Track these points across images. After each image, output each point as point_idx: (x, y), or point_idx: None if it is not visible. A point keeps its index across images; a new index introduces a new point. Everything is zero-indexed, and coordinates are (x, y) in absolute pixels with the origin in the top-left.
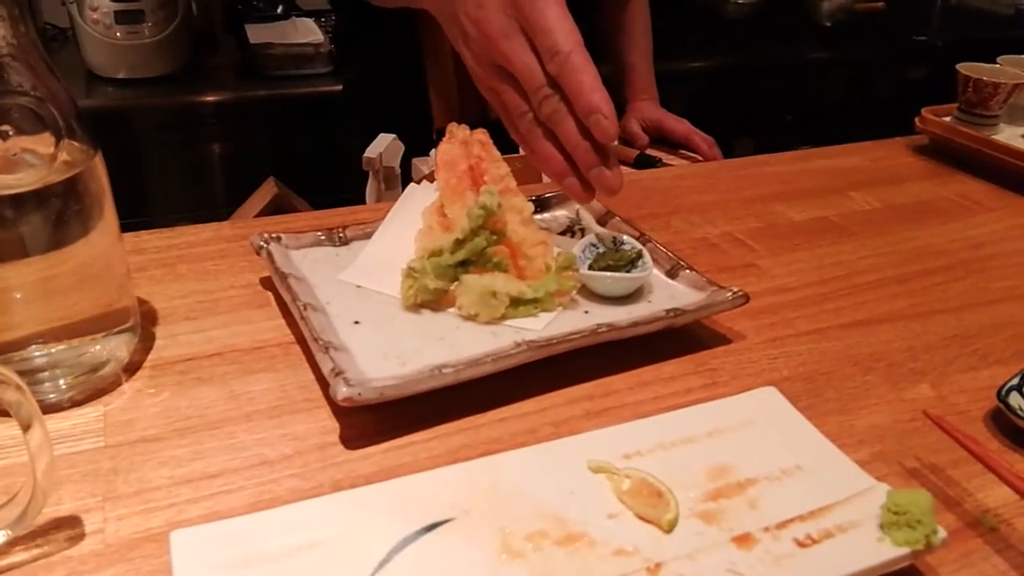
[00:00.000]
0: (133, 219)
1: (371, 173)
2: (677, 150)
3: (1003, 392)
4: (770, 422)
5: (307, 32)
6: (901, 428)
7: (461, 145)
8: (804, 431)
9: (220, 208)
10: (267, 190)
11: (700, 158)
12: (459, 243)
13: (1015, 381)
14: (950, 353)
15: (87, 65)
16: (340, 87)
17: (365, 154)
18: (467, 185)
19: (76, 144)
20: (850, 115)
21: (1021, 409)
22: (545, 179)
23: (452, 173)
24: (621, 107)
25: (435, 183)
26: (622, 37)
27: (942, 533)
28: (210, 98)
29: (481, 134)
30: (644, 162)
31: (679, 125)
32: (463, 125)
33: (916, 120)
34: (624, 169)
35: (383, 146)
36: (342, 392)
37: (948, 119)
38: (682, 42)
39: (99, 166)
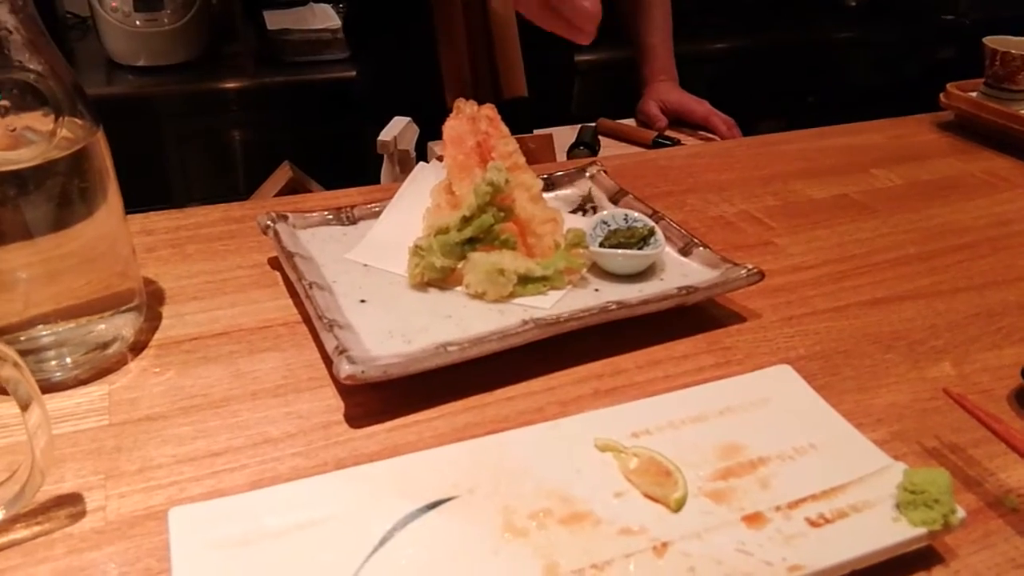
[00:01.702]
0: (152, 206)
1: (386, 156)
2: (697, 132)
3: None
4: (784, 400)
5: (325, 18)
6: (921, 407)
7: (468, 121)
8: (819, 409)
9: (240, 194)
10: (282, 174)
11: (719, 140)
12: (466, 220)
13: None
14: (973, 331)
15: (107, 53)
16: (356, 73)
17: (380, 137)
18: (475, 162)
19: (77, 121)
20: (876, 97)
21: None
22: (560, 156)
23: (459, 149)
24: (640, 89)
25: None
26: (642, 18)
27: (961, 513)
28: (229, 85)
29: (489, 110)
30: (662, 145)
31: (699, 106)
32: (471, 101)
33: (941, 96)
34: (637, 150)
35: (398, 129)
36: (345, 370)
37: (974, 94)
38: (705, 23)
39: (101, 143)
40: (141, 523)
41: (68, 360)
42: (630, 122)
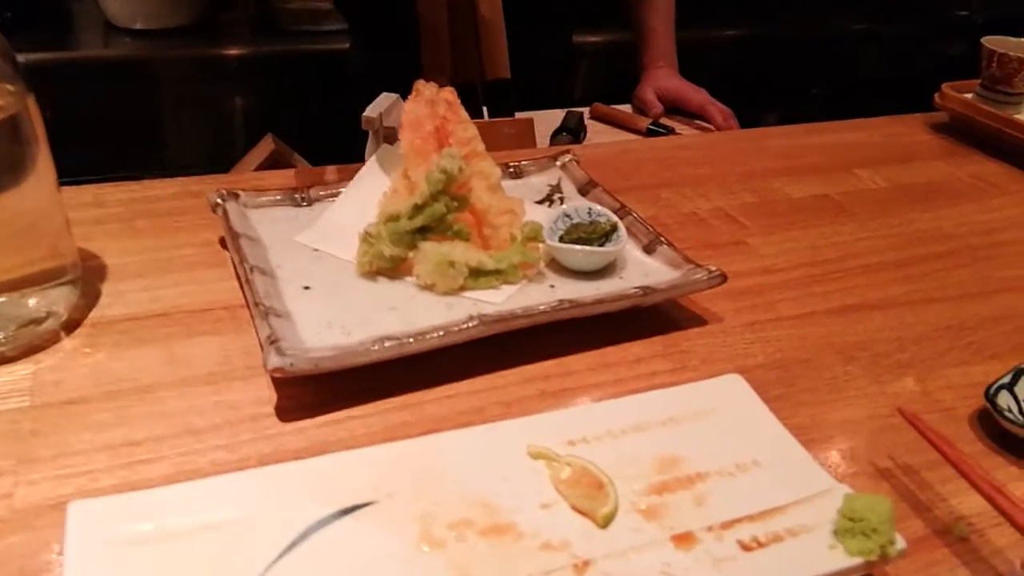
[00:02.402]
0: (144, 171)
1: (371, 133)
2: (693, 121)
3: (991, 391)
4: (731, 412)
5: None
6: (877, 424)
7: (427, 104)
8: (766, 423)
9: (232, 162)
10: (264, 146)
11: (715, 130)
12: (418, 208)
13: (1006, 379)
14: (942, 345)
15: (104, 15)
16: (354, 45)
17: (365, 113)
18: (432, 147)
19: (6, 86)
20: (883, 92)
21: (1009, 410)
22: (540, 143)
23: (417, 134)
24: (639, 74)
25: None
26: (644, 2)
27: (900, 544)
28: (225, 51)
29: (448, 93)
30: (656, 133)
31: (696, 95)
32: (431, 83)
33: (935, 96)
34: (631, 138)
35: (384, 106)
36: (273, 362)
37: (970, 96)
38: (710, 9)
39: (32, 110)
40: (47, 513)
41: (1, 335)
42: (628, 108)
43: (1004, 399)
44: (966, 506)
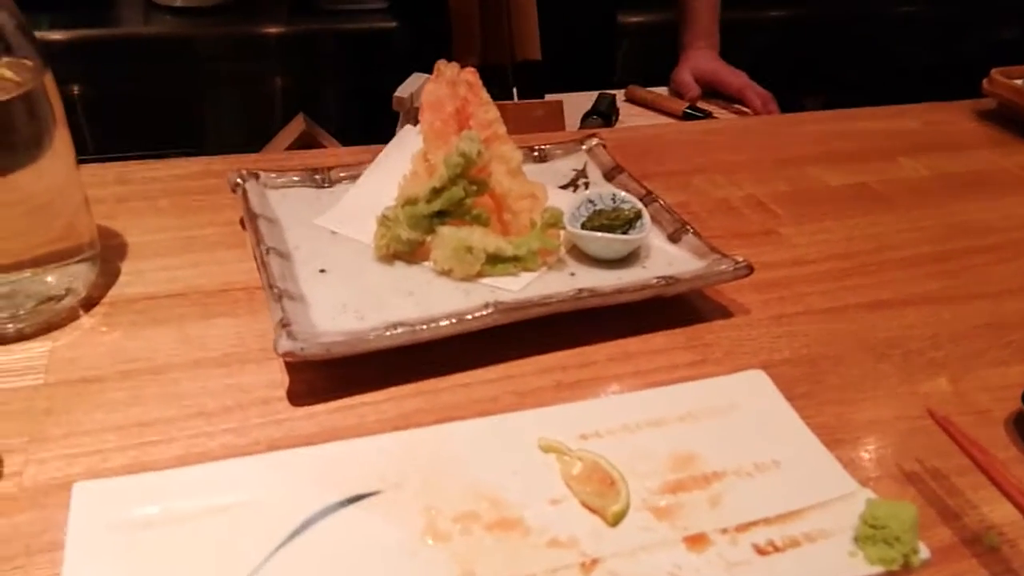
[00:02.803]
0: (181, 149)
1: (402, 114)
2: (731, 105)
3: None
4: (752, 410)
5: None
6: (907, 426)
7: (449, 85)
8: (788, 422)
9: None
10: (295, 126)
11: (753, 115)
12: (436, 192)
13: None
14: (979, 344)
15: None
16: (394, 23)
17: (396, 93)
18: (453, 129)
19: (24, 61)
20: (930, 76)
21: None
22: (571, 126)
23: (437, 115)
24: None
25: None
26: None
27: (924, 553)
28: (263, 30)
29: (470, 74)
30: (692, 117)
31: (734, 78)
32: (453, 63)
33: (984, 82)
34: (664, 121)
35: (416, 85)
36: (284, 345)
37: (1020, 82)
38: None
39: (49, 87)
40: (56, 492)
41: (19, 311)
42: (664, 90)
43: None
44: (997, 514)
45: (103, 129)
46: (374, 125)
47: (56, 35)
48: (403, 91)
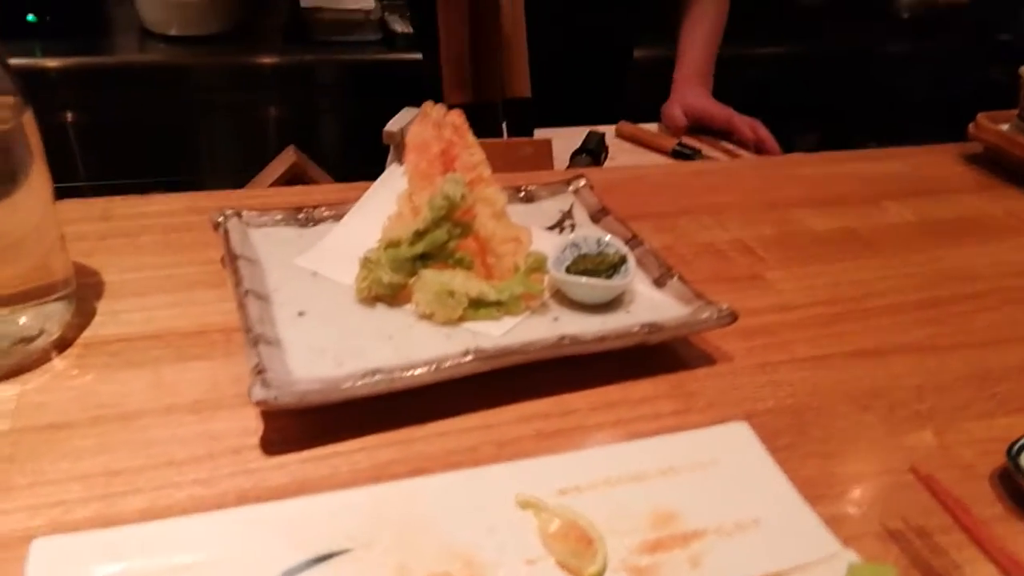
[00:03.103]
0: (175, 176)
1: (392, 148)
2: (720, 142)
3: (1014, 449)
4: (734, 464)
5: None
6: (891, 481)
7: (434, 127)
8: (771, 478)
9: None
10: (286, 158)
11: (743, 153)
12: (419, 235)
13: None
14: (965, 395)
15: (140, 21)
16: (388, 55)
17: (386, 128)
18: (438, 171)
19: (3, 99)
20: (923, 115)
21: None
22: (562, 164)
23: (422, 157)
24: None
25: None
26: (686, 19)
27: None
28: (258, 59)
29: (455, 116)
30: (681, 155)
31: (720, 111)
32: (439, 104)
33: (970, 126)
34: (651, 162)
35: (406, 120)
36: (257, 394)
37: (1006, 127)
38: (746, 26)
39: (28, 124)
40: (16, 546)
41: None
42: (655, 127)
43: None
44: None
45: (96, 157)
46: (368, 157)
47: (51, 62)
48: (393, 125)
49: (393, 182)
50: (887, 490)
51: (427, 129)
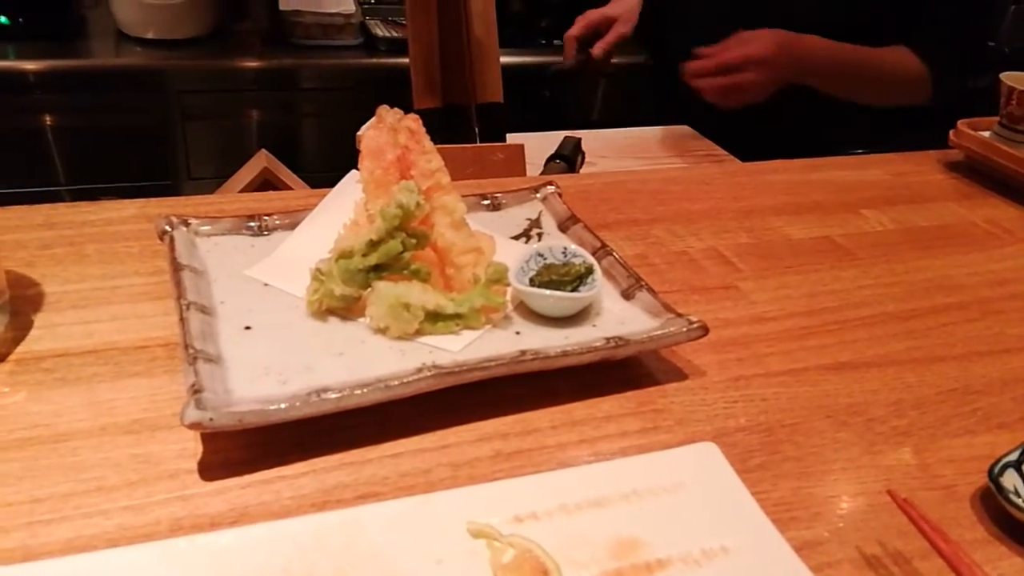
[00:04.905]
0: (151, 180)
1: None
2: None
3: (996, 469)
4: (701, 487)
5: (339, 2)
6: (867, 502)
7: (389, 132)
8: (740, 503)
9: None
10: (257, 163)
11: None
12: (372, 245)
13: (1014, 456)
14: (945, 411)
15: (117, 24)
16: (369, 60)
17: (359, 132)
18: (394, 178)
19: None
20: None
21: (1016, 492)
22: (532, 170)
23: (377, 163)
24: None
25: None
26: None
27: None
28: (236, 63)
29: (411, 121)
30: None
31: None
32: (395, 109)
33: (951, 133)
34: (628, 168)
35: None
36: (190, 416)
37: (987, 134)
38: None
39: None
40: None
41: None
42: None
43: (1010, 479)
44: None
45: (74, 161)
46: (347, 163)
47: (28, 65)
48: (365, 130)
49: (350, 189)
50: (864, 512)
51: (382, 134)
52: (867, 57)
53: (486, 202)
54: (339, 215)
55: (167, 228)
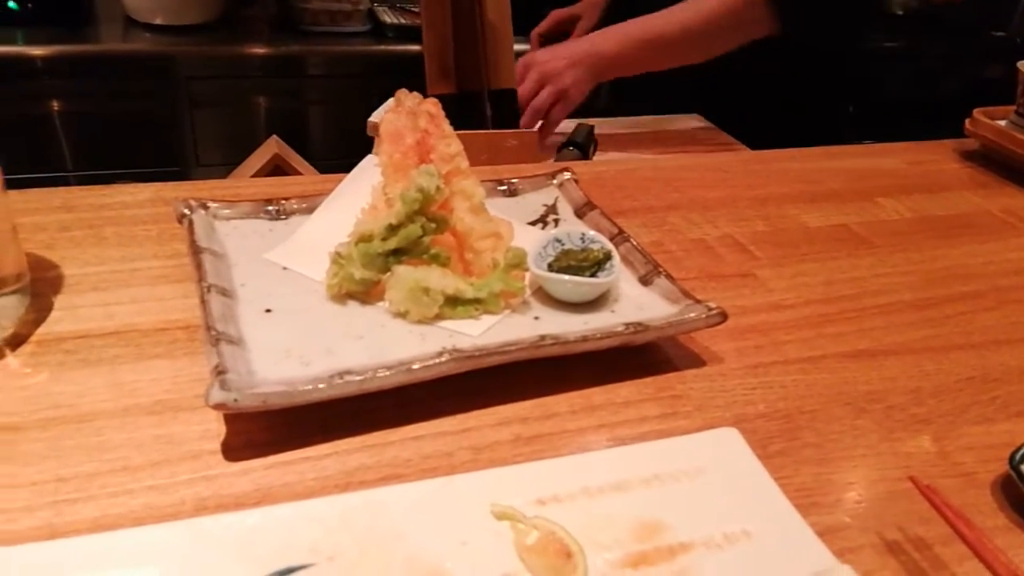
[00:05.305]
0: (159, 167)
1: (376, 139)
2: None
3: (1017, 456)
4: (723, 472)
5: None
6: (888, 489)
7: (409, 116)
8: (762, 487)
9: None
10: (267, 149)
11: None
12: (392, 229)
13: None
14: (964, 399)
15: (125, 10)
16: (377, 46)
17: (370, 119)
18: (413, 162)
19: None
20: (916, 111)
21: None
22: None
23: (396, 147)
24: None
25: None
26: None
27: None
28: (244, 49)
29: (431, 105)
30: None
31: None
32: (414, 93)
33: (966, 122)
34: (642, 156)
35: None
36: (215, 396)
37: (1003, 123)
38: None
39: None
40: None
41: None
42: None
43: None
44: None
45: (82, 146)
46: (355, 149)
47: (35, 51)
48: (377, 116)
49: (367, 174)
50: (884, 499)
51: (401, 118)
52: (674, 20)
53: (502, 188)
54: (356, 200)
55: (186, 211)
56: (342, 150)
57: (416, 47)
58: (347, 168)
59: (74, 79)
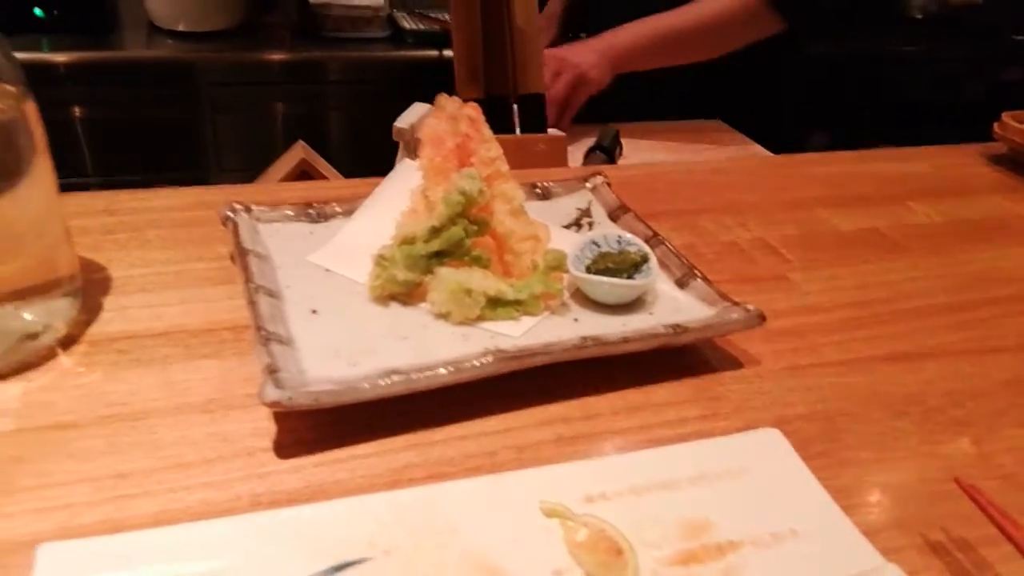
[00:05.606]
0: (181, 172)
1: (401, 144)
2: None
3: None
4: (767, 472)
5: None
6: (929, 490)
7: (449, 120)
8: (806, 487)
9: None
10: (294, 155)
11: None
12: (435, 231)
13: None
14: (1002, 402)
15: (148, 16)
16: (397, 52)
17: (395, 124)
18: (453, 165)
19: (5, 87)
20: (936, 115)
21: None
22: (572, 161)
23: (437, 151)
24: None
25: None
26: None
27: None
28: (266, 55)
29: (472, 109)
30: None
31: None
32: (454, 97)
33: (995, 125)
34: (668, 158)
35: (416, 116)
36: (269, 394)
37: None
38: None
39: (30, 113)
40: (21, 551)
41: None
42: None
43: None
44: None
45: (105, 152)
46: (376, 154)
47: (59, 57)
48: (402, 121)
49: (405, 177)
50: (926, 500)
51: (442, 123)
52: (687, 17)
53: (537, 191)
54: (394, 203)
55: (230, 214)
56: (364, 155)
57: (435, 52)
58: (370, 173)
59: (97, 86)
